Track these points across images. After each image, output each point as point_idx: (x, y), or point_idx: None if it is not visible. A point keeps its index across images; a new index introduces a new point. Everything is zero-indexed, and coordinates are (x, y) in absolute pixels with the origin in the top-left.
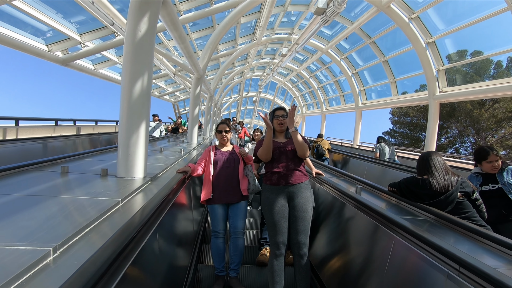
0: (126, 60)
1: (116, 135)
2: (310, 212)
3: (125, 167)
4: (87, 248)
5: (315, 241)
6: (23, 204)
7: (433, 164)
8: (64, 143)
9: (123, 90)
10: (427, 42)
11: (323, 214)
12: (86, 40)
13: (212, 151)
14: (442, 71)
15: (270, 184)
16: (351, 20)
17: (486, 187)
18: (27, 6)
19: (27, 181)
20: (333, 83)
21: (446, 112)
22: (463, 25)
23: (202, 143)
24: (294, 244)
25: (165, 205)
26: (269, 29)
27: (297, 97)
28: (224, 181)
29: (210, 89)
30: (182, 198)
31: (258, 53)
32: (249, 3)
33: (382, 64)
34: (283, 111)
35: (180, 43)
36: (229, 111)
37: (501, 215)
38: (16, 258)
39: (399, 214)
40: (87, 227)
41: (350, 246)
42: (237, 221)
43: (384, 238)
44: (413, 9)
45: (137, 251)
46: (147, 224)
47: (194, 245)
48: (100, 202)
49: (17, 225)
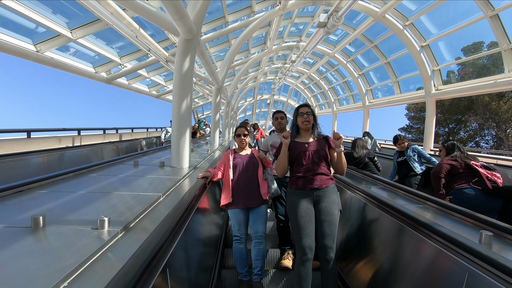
0: (175, 85)
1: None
2: (336, 216)
3: (177, 160)
4: (175, 196)
5: (343, 246)
6: (127, 180)
7: (356, 145)
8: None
9: (174, 107)
10: (421, 45)
11: (350, 218)
12: (124, 61)
13: (231, 155)
14: (437, 71)
15: (295, 189)
16: (353, 27)
17: (399, 158)
18: (86, 41)
19: (121, 169)
20: (342, 84)
21: (463, 106)
22: (453, 29)
23: (222, 144)
24: (321, 249)
25: (203, 188)
26: (279, 38)
27: (309, 98)
28: (243, 185)
29: (228, 96)
30: (204, 202)
31: (270, 59)
32: (259, 23)
33: (385, 66)
34: (307, 108)
35: (206, 65)
36: (244, 114)
37: (404, 174)
38: (146, 197)
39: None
40: (172, 187)
41: (378, 250)
42: (258, 226)
43: (412, 240)
44: (407, 16)
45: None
46: (196, 195)
47: (217, 249)
48: (171, 179)
49: (135, 187)
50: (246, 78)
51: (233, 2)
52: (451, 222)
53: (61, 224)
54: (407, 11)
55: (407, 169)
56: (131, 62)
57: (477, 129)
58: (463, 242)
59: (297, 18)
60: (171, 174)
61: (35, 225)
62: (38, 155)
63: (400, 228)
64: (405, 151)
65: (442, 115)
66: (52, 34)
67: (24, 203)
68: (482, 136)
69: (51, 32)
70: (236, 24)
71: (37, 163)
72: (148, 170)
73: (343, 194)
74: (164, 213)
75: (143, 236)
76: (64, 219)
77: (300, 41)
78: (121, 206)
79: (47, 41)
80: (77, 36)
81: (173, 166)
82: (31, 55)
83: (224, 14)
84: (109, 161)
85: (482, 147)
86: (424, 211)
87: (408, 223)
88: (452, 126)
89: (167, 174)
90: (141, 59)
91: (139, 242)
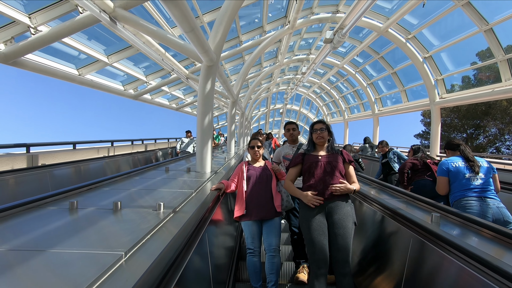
0: (199, 103)
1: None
2: (350, 229)
3: (200, 166)
4: (203, 192)
5: (358, 259)
6: (164, 181)
7: (345, 149)
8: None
9: (198, 121)
10: (424, 57)
11: (366, 231)
12: (150, 79)
13: (244, 167)
14: (440, 80)
15: None
16: (360, 40)
17: (383, 160)
18: (118, 63)
19: (156, 173)
20: (352, 92)
21: (481, 111)
22: (453, 41)
23: (237, 153)
24: (335, 263)
25: (216, 199)
26: (289, 52)
27: (321, 106)
28: (257, 197)
29: (242, 107)
30: (218, 213)
31: (282, 71)
32: (270, 41)
33: (391, 76)
34: (321, 124)
35: (223, 84)
36: (258, 123)
37: (387, 172)
38: (183, 193)
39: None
40: (199, 186)
41: (395, 264)
42: (272, 238)
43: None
44: (409, 30)
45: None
46: (210, 207)
47: (231, 261)
48: (197, 181)
49: (173, 186)
50: (259, 90)
51: (246, 23)
52: (412, 207)
53: (132, 208)
54: (409, 25)
55: (388, 169)
56: (156, 79)
57: (497, 134)
58: (418, 222)
59: (306, 34)
60: (197, 177)
61: (115, 207)
62: (85, 163)
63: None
64: (387, 154)
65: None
66: (92, 60)
67: (96, 196)
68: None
69: (91, 58)
70: (249, 43)
71: (85, 169)
72: (178, 174)
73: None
74: (197, 204)
75: (186, 216)
76: (132, 205)
77: (309, 54)
78: (167, 198)
79: (87, 66)
80: (113, 60)
81: (197, 171)
82: (75, 79)
83: (238, 35)
84: (146, 167)
85: (504, 153)
86: (393, 200)
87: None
88: (471, 131)
89: (194, 177)
90: (164, 76)
91: (184, 219)
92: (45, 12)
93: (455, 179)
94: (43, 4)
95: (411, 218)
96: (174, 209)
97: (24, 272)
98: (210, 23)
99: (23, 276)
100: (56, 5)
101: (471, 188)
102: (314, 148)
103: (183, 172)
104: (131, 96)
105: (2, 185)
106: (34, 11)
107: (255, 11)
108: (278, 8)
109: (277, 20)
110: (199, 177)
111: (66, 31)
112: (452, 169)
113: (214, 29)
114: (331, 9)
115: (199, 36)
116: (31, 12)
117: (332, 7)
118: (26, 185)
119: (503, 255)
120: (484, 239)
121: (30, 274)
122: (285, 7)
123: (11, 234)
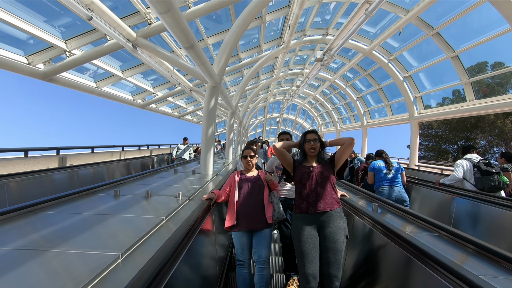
0: (204, 117)
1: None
2: (342, 243)
3: (204, 168)
4: (207, 189)
5: (349, 273)
6: (175, 180)
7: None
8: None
9: (203, 132)
10: (404, 76)
11: (358, 245)
12: (157, 90)
13: (237, 176)
14: (418, 97)
15: (299, 213)
16: (349, 58)
17: (350, 165)
18: (130, 77)
19: (168, 174)
20: (344, 105)
21: (470, 123)
22: (429, 64)
23: (235, 159)
24: (325, 277)
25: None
26: (285, 67)
27: (316, 116)
28: (248, 208)
29: (240, 116)
30: (208, 224)
31: (278, 83)
32: (266, 59)
33: (378, 91)
34: (314, 135)
35: (224, 99)
36: (255, 131)
37: (352, 174)
38: (194, 188)
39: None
40: (205, 184)
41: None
42: (261, 250)
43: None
44: (391, 52)
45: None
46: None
47: (221, 272)
48: (202, 180)
49: (184, 183)
50: (257, 100)
51: (245, 42)
52: (363, 200)
53: (158, 195)
54: (391, 47)
55: (353, 172)
56: (162, 91)
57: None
58: (364, 211)
59: (300, 51)
60: (202, 178)
61: (147, 195)
62: (102, 165)
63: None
64: (353, 160)
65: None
66: (109, 74)
67: (129, 188)
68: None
69: (107, 73)
70: (247, 60)
71: (102, 170)
72: (185, 175)
73: None
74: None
75: (198, 202)
76: (158, 194)
77: (304, 68)
78: (182, 191)
79: (104, 80)
80: (127, 75)
81: (201, 173)
82: (94, 91)
83: (238, 52)
84: (158, 169)
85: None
86: (348, 192)
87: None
88: (461, 143)
89: (199, 177)
90: (170, 88)
91: (197, 204)
92: (79, 39)
93: (377, 174)
94: (77, 32)
95: (363, 209)
96: (189, 197)
97: (103, 227)
98: (214, 44)
99: (103, 233)
100: (88, 33)
101: (385, 179)
102: (305, 158)
103: (190, 173)
104: (139, 106)
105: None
106: (70, 37)
107: (254, 32)
108: (274, 30)
109: (273, 40)
110: (204, 178)
111: (96, 55)
112: (376, 167)
113: (218, 57)
114: (322, 32)
115: (207, 66)
116: (67, 38)
117: (322, 30)
118: (59, 182)
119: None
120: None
121: (108, 227)
122: (280, 28)
123: (84, 210)
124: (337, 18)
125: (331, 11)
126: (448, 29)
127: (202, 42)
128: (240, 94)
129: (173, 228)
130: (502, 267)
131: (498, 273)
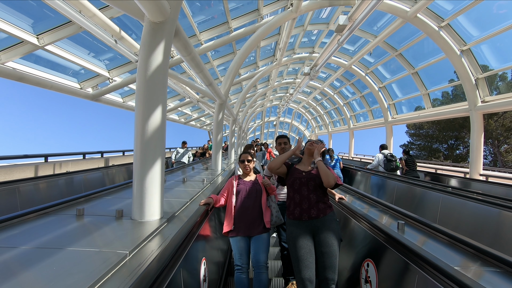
0: (214, 127)
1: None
2: (336, 247)
3: (215, 165)
4: (218, 179)
5: (346, 276)
6: (195, 173)
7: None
8: None
9: (214, 138)
10: (380, 86)
11: (355, 248)
12: (169, 102)
13: (235, 181)
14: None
15: (293, 219)
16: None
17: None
18: None
19: (188, 170)
20: (333, 109)
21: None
22: (398, 77)
23: (236, 159)
24: (322, 281)
25: (205, 214)
26: (279, 76)
27: (310, 120)
28: (245, 212)
29: (240, 122)
30: (206, 229)
31: (274, 90)
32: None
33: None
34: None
35: (227, 110)
36: (253, 134)
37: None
38: (208, 179)
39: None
40: (217, 176)
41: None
42: (259, 255)
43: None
44: (368, 66)
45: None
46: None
47: (220, 277)
48: (214, 173)
49: (202, 176)
50: (255, 95)
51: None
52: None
53: (192, 181)
54: (368, 62)
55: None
56: (174, 102)
57: None
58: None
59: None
60: (213, 172)
61: (183, 180)
62: (112, 168)
63: None
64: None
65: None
66: (92, 74)
67: (170, 176)
68: None
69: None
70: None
71: (112, 173)
72: (201, 171)
73: None
74: (219, 182)
75: (215, 185)
76: (190, 180)
77: (296, 78)
78: (204, 178)
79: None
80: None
81: (212, 169)
82: (123, 106)
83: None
84: (181, 167)
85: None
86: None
87: None
88: (451, 142)
89: (211, 172)
90: (181, 99)
91: (215, 186)
92: (118, 69)
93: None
94: (118, 64)
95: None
96: (210, 182)
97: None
98: (218, 66)
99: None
100: (126, 65)
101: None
102: (301, 160)
103: (204, 170)
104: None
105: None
106: (112, 68)
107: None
108: (268, 50)
109: (267, 58)
110: (215, 171)
111: (131, 81)
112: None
113: (224, 81)
114: (309, 50)
115: (215, 87)
116: (110, 69)
117: (309, 49)
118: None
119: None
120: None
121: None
122: (273, 48)
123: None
124: (321, 39)
125: (315, 34)
126: (408, 51)
127: (209, 64)
128: (240, 104)
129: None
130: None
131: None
